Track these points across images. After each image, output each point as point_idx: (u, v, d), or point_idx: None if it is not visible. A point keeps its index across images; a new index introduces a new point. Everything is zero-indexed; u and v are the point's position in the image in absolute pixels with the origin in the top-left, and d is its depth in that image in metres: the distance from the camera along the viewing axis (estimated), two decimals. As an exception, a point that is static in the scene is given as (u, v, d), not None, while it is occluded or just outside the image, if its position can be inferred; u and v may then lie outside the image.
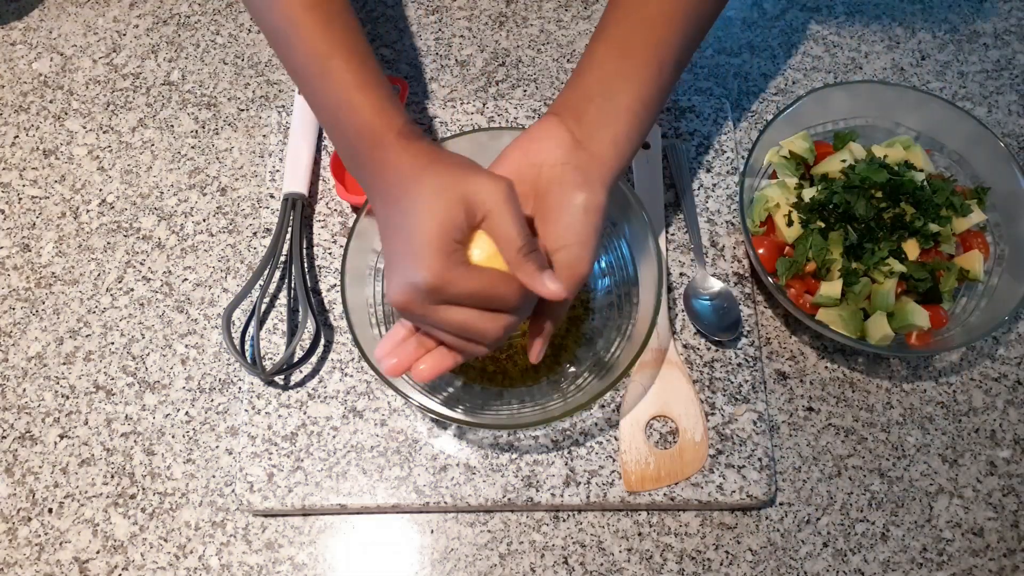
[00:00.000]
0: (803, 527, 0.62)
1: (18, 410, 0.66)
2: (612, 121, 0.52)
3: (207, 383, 0.67)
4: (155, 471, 0.64)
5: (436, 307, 0.47)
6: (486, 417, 0.59)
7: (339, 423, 0.64)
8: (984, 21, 0.83)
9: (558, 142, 0.52)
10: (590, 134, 0.52)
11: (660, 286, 0.59)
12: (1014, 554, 0.61)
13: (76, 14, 0.84)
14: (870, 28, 0.83)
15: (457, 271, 0.46)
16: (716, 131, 0.75)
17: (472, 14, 0.83)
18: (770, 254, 0.66)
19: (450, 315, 0.47)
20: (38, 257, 0.72)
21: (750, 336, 0.66)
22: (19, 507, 0.63)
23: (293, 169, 0.71)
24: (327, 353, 0.66)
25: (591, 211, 0.50)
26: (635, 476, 0.61)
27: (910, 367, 0.67)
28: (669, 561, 0.60)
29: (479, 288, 0.47)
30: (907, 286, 0.64)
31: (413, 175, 0.47)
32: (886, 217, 0.65)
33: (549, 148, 0.52)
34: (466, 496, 0.61)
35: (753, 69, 0.80)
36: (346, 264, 0.59)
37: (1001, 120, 0.78)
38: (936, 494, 0.63)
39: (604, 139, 0.52)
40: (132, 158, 0.76)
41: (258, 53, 0.81)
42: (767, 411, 0.64)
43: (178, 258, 0.72)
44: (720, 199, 0.72)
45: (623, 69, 0.53)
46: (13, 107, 0.79)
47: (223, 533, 0.62)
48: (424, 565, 0.61)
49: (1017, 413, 0.65)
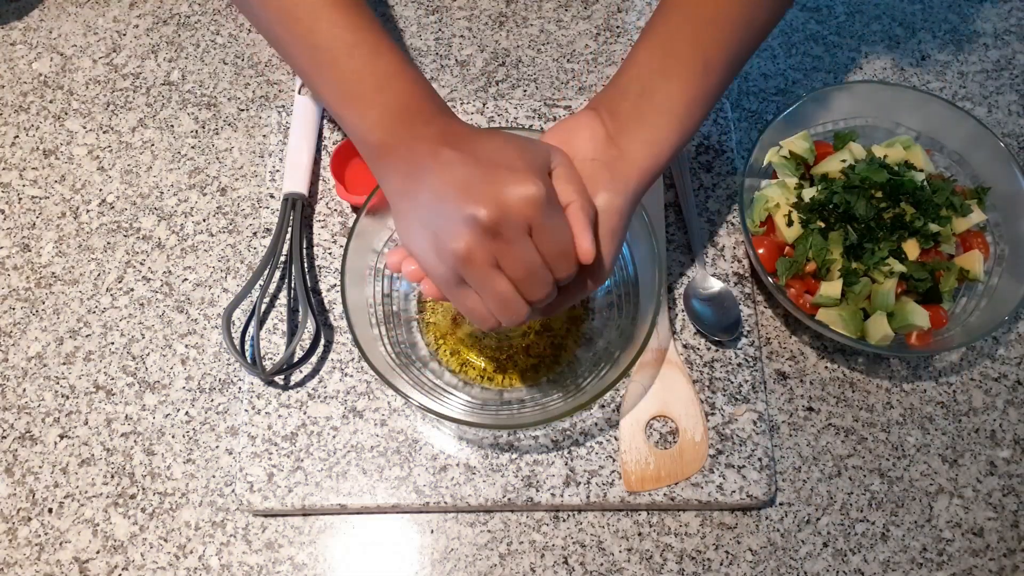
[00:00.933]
0: (803, 527, 0.62)
1: (18, 410, 0.66)
2: (648, 120, 0.51)
3: (207, 383, 0.67)
4: (155, 471, 0.64)
5: (518, 237, 0.46)
6: (486, 417, 0.59)
7: (339, 423, 0.64)
8: (984, 21, 0.83)
9: (592, 134, 0.51)
10: (623, 130, 0.51)
11: (660, 286, 0.59)
12: (1014, 554, 0.61)
13: (76, 14, 0.84)
14: (870, 28, 0.83)
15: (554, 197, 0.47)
16: (716, 131, 0.75)
17: (472, 14, 0.83)
18: (770, 254, 0.66)
19: (524, 251, 0.46)
20: (38, 257, 0.72)
21: (750, 336, 0.66)
22: (19, 507, 0.63)
23: (293, 169, 0.71)
24: (327, 353, 0.66)
25: (610, 213, 0.50)
26: (635, 476, 0.61)
27: (910, 367, 0.67)
28: (669, 561, 0.60)
29: (564, 227, 0.47)
30: (907, 286, 0.64)
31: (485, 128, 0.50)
32: (886, 217, 0.65)
33: (583, 140, 0.51)
34: (466, 496, 0.61)
35: (753, 69, 0.80)
36: (346, 264, 0.59)
37: (1001, 120, 0.78)
38: (936, 494, 0.63)
39: (637, 138, 0.51)
40: (132, 158, 0.76)
41: (258, 53, 0.81)
42: (767, 411, 0.64)
43: (178, 258, 0.72)
44: (720, 199, 0.72)
45: (664, 67, 0.52)
46: (13, 107, 0.79)
47: (223, 533, 0.62)
48: (424, 565, 0.61)
49: (1017, 413, 0.65)
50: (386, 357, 0.60)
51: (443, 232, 0.46)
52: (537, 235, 0.46)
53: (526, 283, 0.47)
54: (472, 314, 0.49)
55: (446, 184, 0.46)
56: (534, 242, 0.46)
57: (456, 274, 0.47)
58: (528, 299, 0.48)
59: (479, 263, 0.46)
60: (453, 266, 0.46)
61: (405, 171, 0.48)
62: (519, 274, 0.47)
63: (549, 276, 0.47)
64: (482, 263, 0.46)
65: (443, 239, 0.46)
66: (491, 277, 0.46)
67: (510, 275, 0.47)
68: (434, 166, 0.47)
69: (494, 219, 0.45)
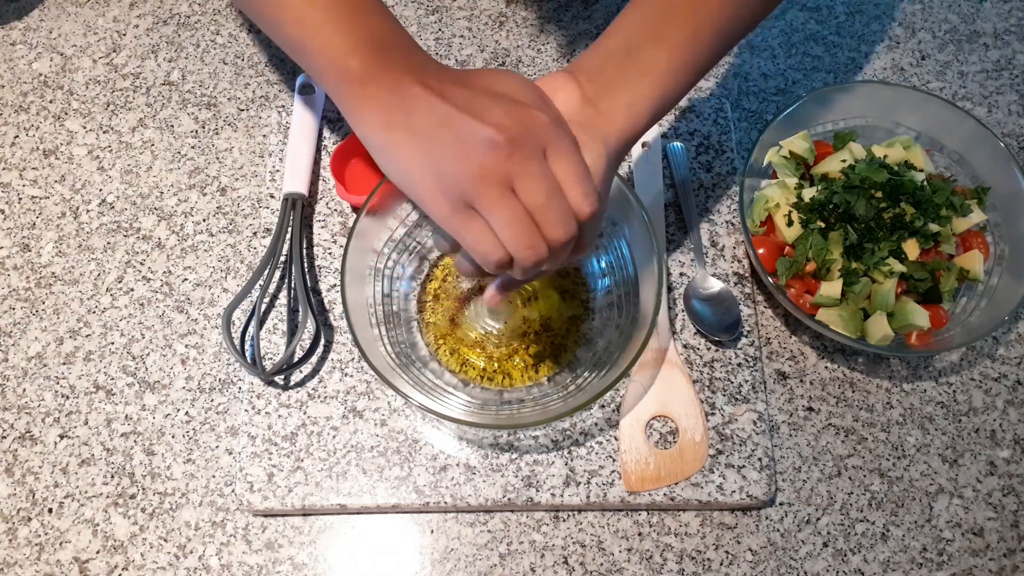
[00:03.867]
0: (803, 527, 0.62)
1: (18, 410, 0.66)
2: (631, 82, 0.49)
3: (207, 383, 0.67)
4: (155, 471, 0.64)
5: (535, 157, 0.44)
6: (486, 417, 0.59)
7: (339, 423, 0.64)
8: (984, 21, 0.83)
9: (566, 96, 0.49)
10: (603, 92, 0.49)
11: (660, 286, 0.59)
12: (1014, 554, 0.61)
13: (76, 14, 0.84)
14: (870, 28, 0.83)
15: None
16: (716, 131, 0.75)
17: (472, 14, 0.83)
18: (770, 254, 0.66)
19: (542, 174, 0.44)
20: (38, 257, 0.72)
21: (750, 336, 0.66)
22: (19, 507, 0.63)
23: (293, 169, 0.71)
24: (327, 353, 0.66)
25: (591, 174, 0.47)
26: (635, 476, 0.61)
27: (910, 367, 0.67)
28: (669, 561, 0.60)
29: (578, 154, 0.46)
30: (907, 286, 0.64)
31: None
32: (886, 217, 0.65)
33: (557, 102, 0.49)
34: (466, 496, 0.61)
35: (753, 69, 0.80)
36: (346, 264, 0.59)
37: (1001, 120, 0.78)
38: (936, 494, 0.63)
39: (618, 99, 0.49)
40: (132, 158, 0.76)
41: (258, 53, 0.81)
42: (767, 411, 0.64)
43: (178, 258, 0.72)
44: (720, 199, 0.72)
45: (652, 31, 0.50)
46: (13, 107, 0.79)
47: (223, 533, 0.62)
48: (424, 565, 0.61)
49: (1017, 413, 0.65)
50: (386, 357, 0.60)
51: (450, 155, 0.43)
52: (553, 157, 0.44)
53: (544, 211, 0.44)
54: (478, 245, 0.45)
55: (448, 110, 0.44)
56: (550, 167, 0.44)
57: (463, 199, 0.44)
58: (547, 233, 0.45)
59: (494, 182, 0.43)
60: (464, 190, 0.43)
61: (390, 102, 0.45)
62: (538, 199, 0.44)
63: (569, 208, 0.45)
64: (498, 183, 0.43)
65: (450, 161, 0.43)
66: (505, 198, 0.43)
67: (526, 200, 0.44)
68: (425, 94, 0.44)
69: (509, 138, 0.42)
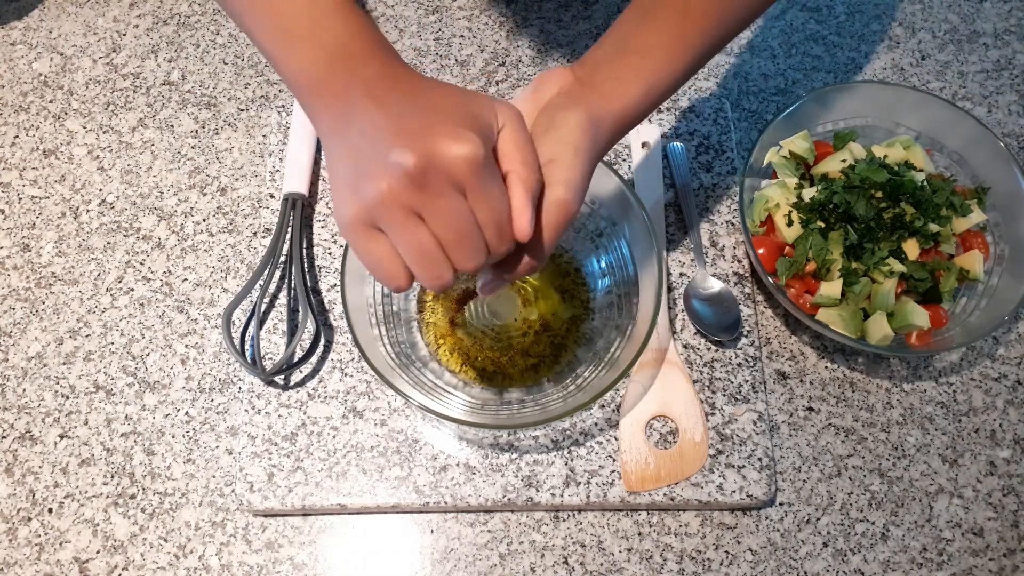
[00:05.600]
0: (803, 527, 0.62)
1: (18, 410, 0.66)
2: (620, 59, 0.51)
3: (207, 383, 0.67)
4: (155, 471, 0.64)
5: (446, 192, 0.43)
6: (486, 417, 0.59)
7: (339, 423, 0.64)
8: (984, 21, 0.83)
9: (559, 80, 0.51)
10: (592, 71, 0.51)
11: (660, 286, 0.59)
12: (1014, 554, 0.61)
13: (76, 14, 0.84)
14: (870, 28, 0.83)
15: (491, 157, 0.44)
16: (716, 131, 0.75)
17: (472, 14, 0.83)
18: (770, 254, 0.66)
19: (453, 209, 0.43)
20: (38, 257, 0.72)
21: (750, 336, 0.66)
22: (19, 507, 0.63)
23: (293, 169, 0.71)
24: (327, 353, 0.66)
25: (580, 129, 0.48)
26: (635, 476, 0.61)
27: (910, 367, 0.67)
28: (669, 561, 0.60)
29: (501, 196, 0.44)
30: (907, 286, 0.64)
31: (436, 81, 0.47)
32: (886, 217, 0.65)
33: (549, 87, 0.51)
34: (466, 496, 0.61)
35: (753, 69, 0.80)
36: (346, 264, 0.59)
37: (1001, 120, 0.78)
38: (936, 494, 0.63)
39: (605, 74, 0.51)
40: (132, 158, 0.76)
41: (258, 53, 0.81)
42: (767, 411, 0.64)
43: (178, 258, 0.72)
44: (720, 199, 0.72)
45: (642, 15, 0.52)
46: (13, 107, 0.79)
47: (223, 533, 0.62)
48: (424, 565, 0.61)
49: (1017, 413, 0.65)
50: (386, 357, 0.60)
51: (365, 172, 0.43)
52: (472, 198, 0.44)
53: (454, 245, 0.44)
54: (379, 266, 0.45)
55: (377, 127, 0.44)
56: (469, 205, 0.44)
57: (368, 216, 0.44)
58: (456, 264, 0.45)
59: (397, 208, 0.43)
60: (368, 207, 0.44)
61: (338, 110, 0.46)
62: (448, 234, 0.44)
63: (482, 244, 0.44)
64: (400, 208, 0.43)
65: (363, 179, 0.43)
66: (410, 224, 0.43)
67: (436, 232, 0.44)
68: (369, 106, 0.45)
69: (420, 169, 0.42)
